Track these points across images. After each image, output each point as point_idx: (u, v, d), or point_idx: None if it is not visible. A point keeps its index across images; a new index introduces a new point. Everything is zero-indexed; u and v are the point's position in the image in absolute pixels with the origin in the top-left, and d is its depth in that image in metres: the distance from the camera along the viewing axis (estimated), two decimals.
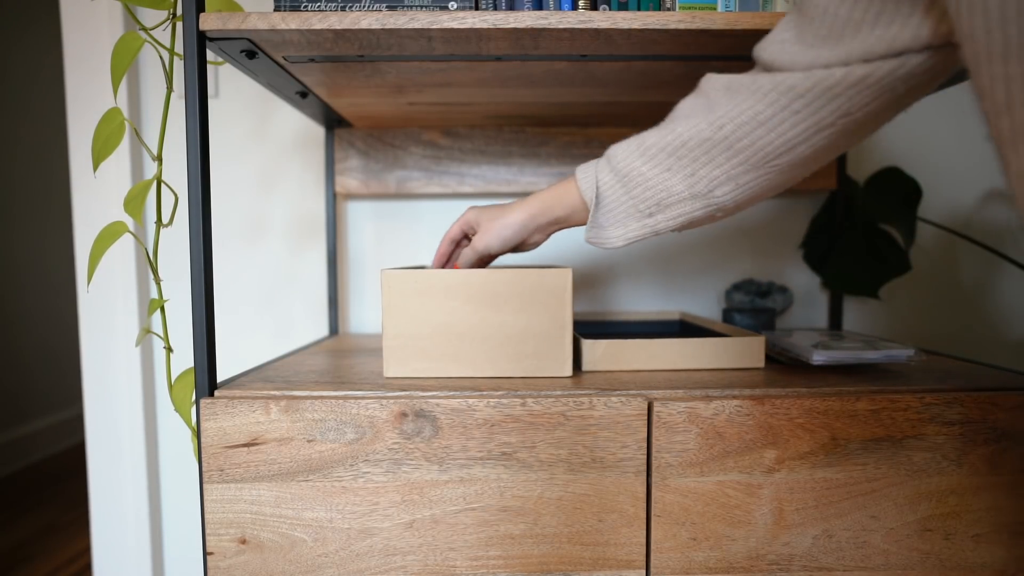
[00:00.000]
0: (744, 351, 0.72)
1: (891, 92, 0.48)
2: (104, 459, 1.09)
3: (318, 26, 0.59)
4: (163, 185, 0.84)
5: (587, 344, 0.70)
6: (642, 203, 0.58)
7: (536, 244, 0.67)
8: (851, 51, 0.47)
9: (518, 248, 0.68)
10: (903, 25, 0.45)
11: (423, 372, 0.67)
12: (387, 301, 0.66)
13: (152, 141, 1.10)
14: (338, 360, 0.79)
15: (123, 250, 1.07)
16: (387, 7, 0.62)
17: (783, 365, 0.75)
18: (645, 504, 0.60)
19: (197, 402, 0.60)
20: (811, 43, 0.48)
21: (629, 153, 0.58)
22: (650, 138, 0.57)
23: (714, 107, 0.53)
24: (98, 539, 1.10)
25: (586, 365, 0.71)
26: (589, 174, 0.61)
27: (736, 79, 0.53)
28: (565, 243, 1.12)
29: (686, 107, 0.56)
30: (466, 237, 0.71)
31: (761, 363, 0.72)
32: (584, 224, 0.64)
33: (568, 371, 0.67)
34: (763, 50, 0.52)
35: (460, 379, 0.67)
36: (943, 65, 0.47)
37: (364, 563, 0.60)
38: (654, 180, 0.57)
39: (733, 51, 0.67)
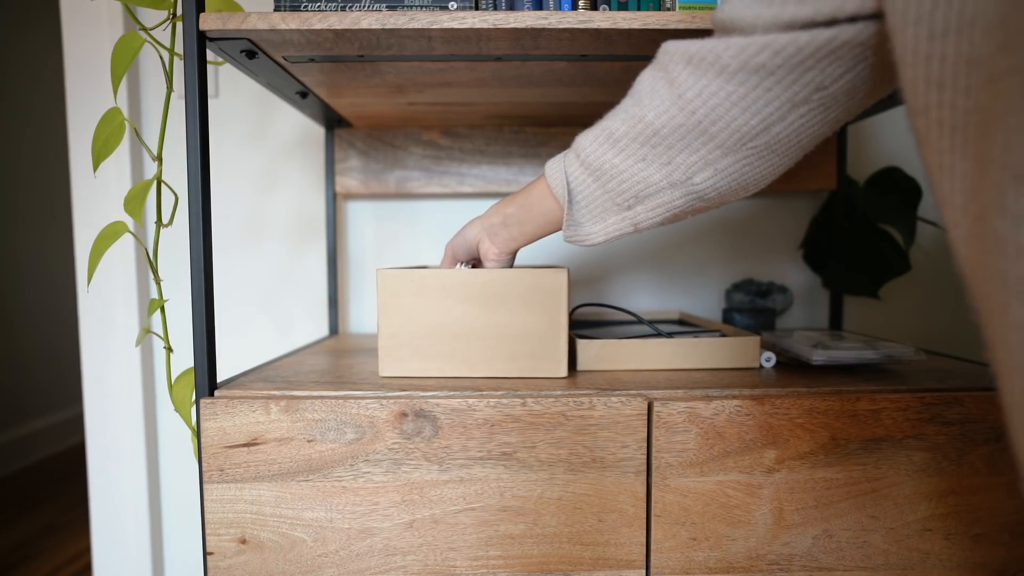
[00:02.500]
0: (740, 351, 0.72)
1: (864, 62, 0.46)
2: (104, 459, 1.09)
3: (318, 26, 0.59)
4: (163, 185, 0.84)
5: (582, 344, 0.70)
6: (619, 196, 0.56)
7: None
8: (818, 9, 0.44)
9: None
10: None
11: (418, 372, 0.67)
12: (382, 300, 0.66)
13: (152, 141, 1.10)
14: (338, 360, 0.79)
15: (123, 250, 1.07)
16: (387, 7, 0.62)
17: (783, 365, 0.75)
18: (645, 504, 0.60)
19: (197, 402, 0.60)
20: (747, 7, 0.46)
21: (598, 145, 0.56)
22: (617, 126, 0.54)
23: (680, 86, 0.50)
24: (98, 539, 1.10)
25: (581, 365, 0.71)
26: (558, 170, 0.59)
27: (698, 51, 0.49)
28: (565, 243, 1.12)
29: (646, 85, 0.53)
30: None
31: (756, 363, 0.72)
32: (556, 231, 0.61)
33: (563, 371, 0.67)
34: (721, 11, 0.49)
35: (460, 379, 0.67)
36: None
37: (364, 563, 0.60)
38: (629, 171, 0.55)
39: None
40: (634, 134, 0.54)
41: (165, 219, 1.04)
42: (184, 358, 1.11)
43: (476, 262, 0.70)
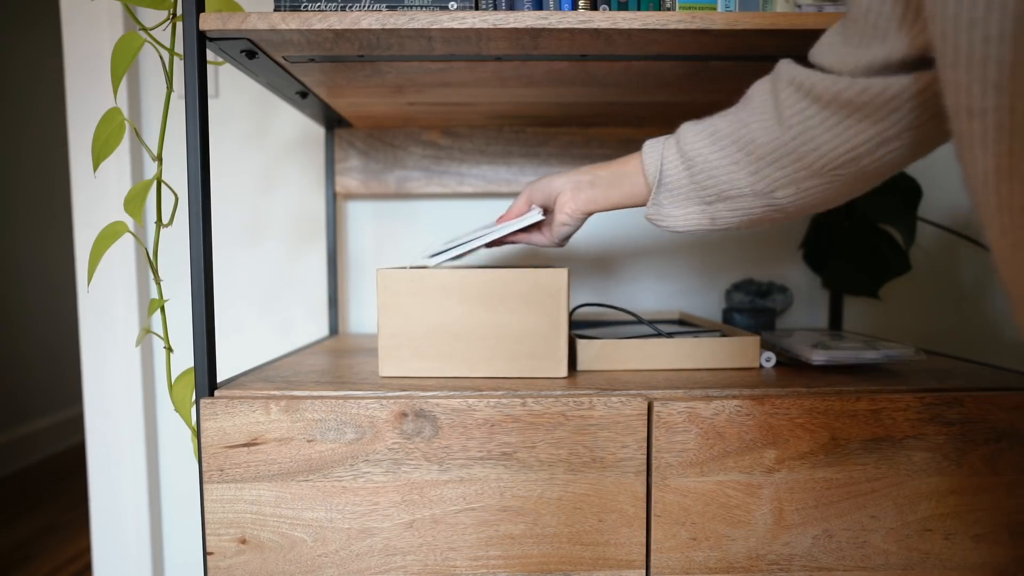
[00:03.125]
0: (740, 351, 0.72)
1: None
2: (104, 459, 1.09)
3: (318, 26, 0.59)
4: (163, 185, 0.84)
5: (582, 344, 0.70)
6: (704, 189, 0.58)
7: None
8: (890, 52, 0.45)
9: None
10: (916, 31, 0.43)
11: (418, 372, 0.67)
12: (382, 300, 0.66)
13: (152, 141, 1.10)
14: (338, 360, 0.79)
15: (123, 250, 1.07)
16: (387, 7, 0.62)
17: (783, 365, 0.75)
18: (645, 504, 0.60)
19: (197, 402, 0.60)
20: (856, 43, 0.47)
21: (700, 138, 0.58)
22: (722, 127, 0.57)
23: (781, 104, 0.53)
24: (98, 539, 1.10)
25: (581, 365, 0.71)
26: (655, 150, 0.61)
27: (800, 77, 0.51)
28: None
29: (757, 94, 0.55)
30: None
31: (756, 363, 0.72)
32: (635, 207, 0.65)
33: (563, 371, 0.67)
34: (812, 54, 0.51)
35: (460, 379, 0.67)
36: None
37: (364, 563, 0.60)
38: (720, 170, 0.57)
39: (733, 51, 0.67)
40: (735, 137, 0.56)
41: (165, 219, 1.04)
42: (184, 358, 1.11)
43: (548, 212, 0.70)
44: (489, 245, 0.74)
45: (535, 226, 0.72)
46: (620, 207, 0.65)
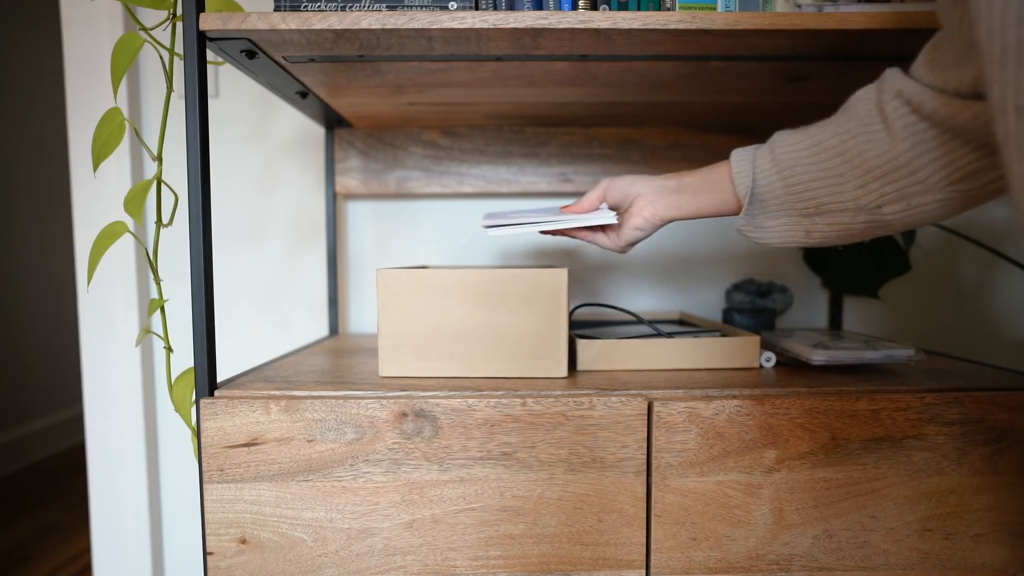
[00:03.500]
0: (740, 351, 0.72)
1: None
2: (104, 459, 1.09)
3: (318, 26, 0.59)
4: (163, 185, 0.84)
5: (582, 344, 0.70)
6: (800, 201, 0.56)
7: None
8: (976, 74, 0.43)
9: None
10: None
11: (418, 372, 0.67)
12: (383, 300, 0.66)
13: (152, 141, 1.10)
14: (338, 360, 0.79)
15: (123, 250, 1.07)
16: (387, 7, 0.62)
17: (783, 365, 0.75)
18: (645, 504, 0.60)
19: (197, 402, 0.60)
20: (956, 60, 0.45)
21: (798, 149, 0.55)
22: (826, 136, 0.54)
23: (892, 121, 0.50)
24: (98, 539, 1.10)
25: (581, 365, 0.71)
26: (746, 159, 0.59)
27: (915, 95, 0.49)
28: (565, 241, 1.12)
29: (862, 108, 0.52)
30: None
31: (756, 363, 0.72)
32: (721, 216, 0.62)
33: (563, 371, 0.67)
34: (916, 68, 0.50)
35: (460, 379, 0.67)
36: None
37: (364, 563, 0.60)
38: (820, 182, 0.54)
39: (733, 51, 0.67)
40: (840, 149, 0.53)
41: (165, 219, 1.04)
42: (184, 358, 1.11)
43: (618, 212, 0.67)
44: (547, 232, 0.70)
45: (601, 226, 0.69)
46: (705, 215, 0.63)
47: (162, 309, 0.69)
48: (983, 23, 0.36)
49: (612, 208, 0.67)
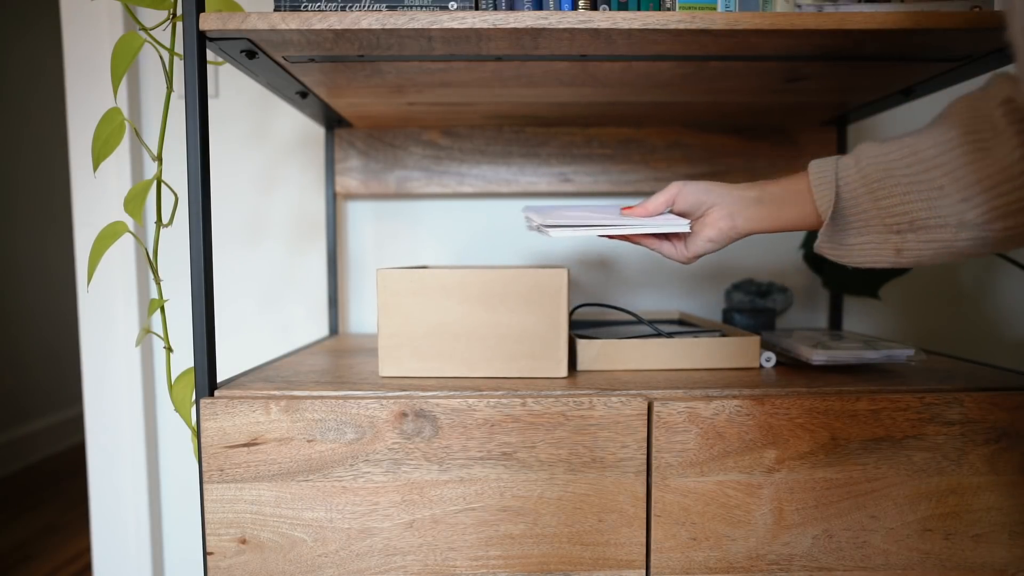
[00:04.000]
0: (740, 351, 0.72)
1: None
2: (104, 459, 1.09)
3: (318, 26, 0.59)
4: (163, 185, 0.84)
5: (582, 344, 0.70)
6: (890, 216, 0.51)
7: None
8: None
9: None
10: None
11: (418, 372, 0.67)
12: (383, 300, 0.66)
13: (152, 141, 1.10)
14: (338, 360, 0.79)
15: (123, 250, 1.07)
16: (387, 7, 0.62)
17: (783, 365, 0.75)
18: (645, 504, 0.60)
19: (197, 402, 0.60)
20: None
21: (890, 158, 0.51)
22: (925, 145, 0.49)
23: (1003, 131, 0.46)
24: (98, 539, 1.10)
25: (581, 365, 0.71)
26: (827, 168, 0.54)
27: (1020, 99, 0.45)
28: (565, 240, 1.12)
29: (966, 115, 0.48)
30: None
31: (756, 363, 0.72)
32: (804, 230, 0.56)
33: (563, 371, 0.67)
34: (1021, 74, 0.46)
35: (460, 379, 0.67)
36: None
37: (364, 563, 0.60)
38: (915, 195, 0.49)
39: (733, 51, 0.67)
40: (941, 160, 0.48)
41: (165, 219, 1.04)
42: (184, 358, 1.11)
43: (687, 217, 0.62)
44: (609, 236, 0.64)
45: (666, 234, 0.64)
46: (788, 230, 0.58)
47: (162, 309, 0.69)
48: (1018, 21, 0.36)
49: (679, 215, 0.62)
